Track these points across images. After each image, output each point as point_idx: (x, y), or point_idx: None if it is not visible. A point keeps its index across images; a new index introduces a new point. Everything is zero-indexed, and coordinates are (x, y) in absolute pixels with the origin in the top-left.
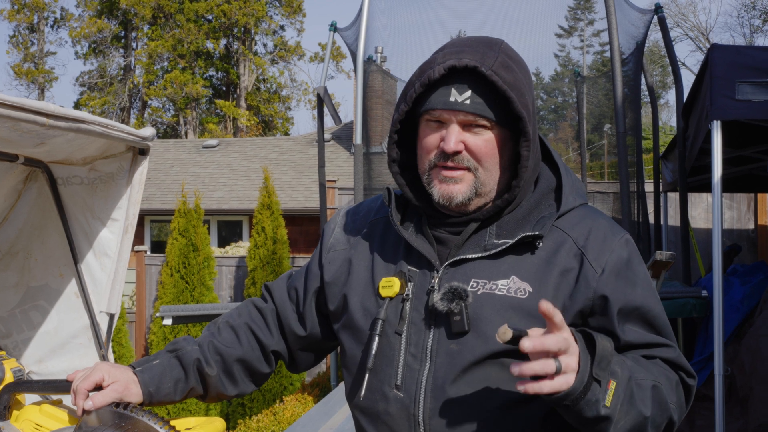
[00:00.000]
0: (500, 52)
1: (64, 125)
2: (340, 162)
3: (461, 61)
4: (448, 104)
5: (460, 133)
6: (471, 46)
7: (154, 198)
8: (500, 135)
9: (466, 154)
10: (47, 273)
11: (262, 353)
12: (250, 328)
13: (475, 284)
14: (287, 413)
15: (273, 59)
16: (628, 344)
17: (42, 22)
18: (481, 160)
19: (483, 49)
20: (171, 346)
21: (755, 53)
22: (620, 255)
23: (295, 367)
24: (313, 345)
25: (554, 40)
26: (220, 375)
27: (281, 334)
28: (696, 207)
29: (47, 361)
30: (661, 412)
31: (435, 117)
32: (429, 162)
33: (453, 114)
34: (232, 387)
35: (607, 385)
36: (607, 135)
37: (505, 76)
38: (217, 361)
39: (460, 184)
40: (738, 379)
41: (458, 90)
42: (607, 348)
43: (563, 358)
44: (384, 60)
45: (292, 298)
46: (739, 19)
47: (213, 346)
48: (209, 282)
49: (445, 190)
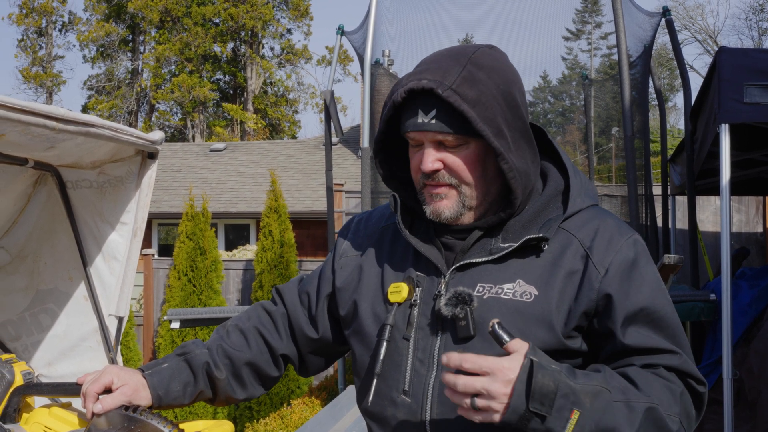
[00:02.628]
0: (468, 63)
1: (74, 129)
2: (347, 165)
3: (419, 83)
4: (417, 126)
5: (437, 152)
6: (436, 63)
7: (161, 201)
8: (480, 147)
9: (445, 172)
10: (56, 276)
11: (271, 357)
12: (260, 331)
13: (482, 289)
14: (295, 417)
15: (280, 62)
16: (629, 348)
17: (50, 26)
18: (461, 177)
19: (447, 65)
20: (180, 349)
21: (763, 56)
22: (626, 255)
23: (305, 371)
24: (324, 349)
25: (562, 42)
26: (229, 378)
27: (291, 338)
28: (704, 210)
29: (56, 364)
30: (657, 430)
31: (411, 138)
32: (418, 182)
33: (423, 135)
34: (241, 390)
35: (570, 414)
36: (614, 138)
37: (466, 92)
38: (226, 364)
39: (446, 200)
40: (746, 383)
41: (424, 110)
42: (546, 386)
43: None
44: (391, 63)
45: (303, 302)
46: (747, 21)
47: (222, 349)
48: (217, 285)
49: (433, 207)
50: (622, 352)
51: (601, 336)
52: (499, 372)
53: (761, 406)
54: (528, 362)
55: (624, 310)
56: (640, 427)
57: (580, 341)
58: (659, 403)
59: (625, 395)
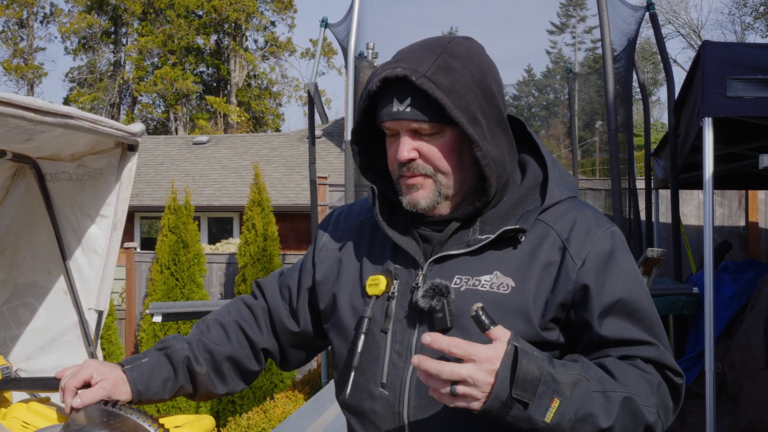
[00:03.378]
0: (443, 53)
1: (52, 121)
2: (331, 159)
3: (394, 71)
4: (392, 114)
5: (413, 141)
6: (411, 53)
7: (144, 195)
8: (455, 136)
9: (421, 161)
10: (35, 270)
11: (252, 351)
12: (240, 325)
13: (459, 281)
14: (278, 411)
15: (264, 55)
16: (605, 340)
17: (31, 18)
18: (437, 166)
19: (422, 55)
20: (160, 344)
21: (746, 50)
22: (603, 247)
23: (286, 365)
24: (305, 342)
25: (546, 36)
26: (210, 373)
27: (272, 332)
28: (687, 204)
29: (35, 359)
30: (634, 421)
31: (387, 128)
32: (395, 173)
33: (398, 123)
34: (222, 385)
35: (550, 402)
36: (598, 132)
37: (440, 80)
38: (206, 359)
39: (421, 190)
40: (729, 376)
41: (399, 99)
42: (530, 372)
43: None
44: (375, 56)
45: (284, 296)
46: (731, 16)
47: (202, 344)
48: (199, 279)
49: (410, 198)
50: (599, 343)
51: (577, 327)
52: (485, 360)
53: (743, 400)
54: (512, 348)
55: (600, 301)
56: (618, 416)
57: (558, 333)
58: (636, 394)
59: (602, 385)
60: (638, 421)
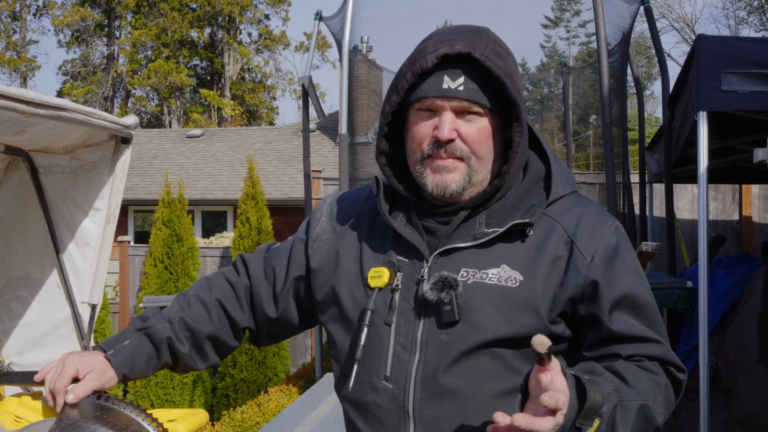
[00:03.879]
0: (489, 39)
1: (45, 113)
2: (325, 152)
3: (454, 48)
4: (442, 91)
5: (454, 120)
6: (461, 34)
7: (137, 188)
8: (493, 122)
9: (460, 142)
10: (28, 263)
11: (232, 329)
12: (222, 304)
13: (465, 273)
14: (272, 404)
15: (258, 48)
16: (615, 335)
17: (24, 10)
18: (475, 149)
19: (473, 37)
20: (140, 323)
21: (741, 44)
22: (610, 242)
23: (257, 343)
24: (279, 327)
25: (540, 30)
26: (191, 352)
27: (251, 311)
28: (681, 198)
29: (28, 353)
30: (646, 425)
31: (427, 105)
32: (421, 152)
33: (446, 101)
34: (202, 362)
35: (592, 422)
36: (592, 126)
37: (497, 62)
38: (188, 337)
39: (453, 173)
40: (722, 370)
41: (451, 77)
42: (596, 402)
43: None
44: (370, 50)
45: (268, 277)
46: (725, 10)
47: (183, 322)
48: (193, 272)
49: (439, 180)
50: (608, 339)
51: (586, 322)
52: (565, 404)
53: (737, 393)
54: (572, 380)
55: (609, 296)
56: (634, 425)
57: (564, 327)
58: (648, 399)
59: (620, 395)
60: (650, 424)
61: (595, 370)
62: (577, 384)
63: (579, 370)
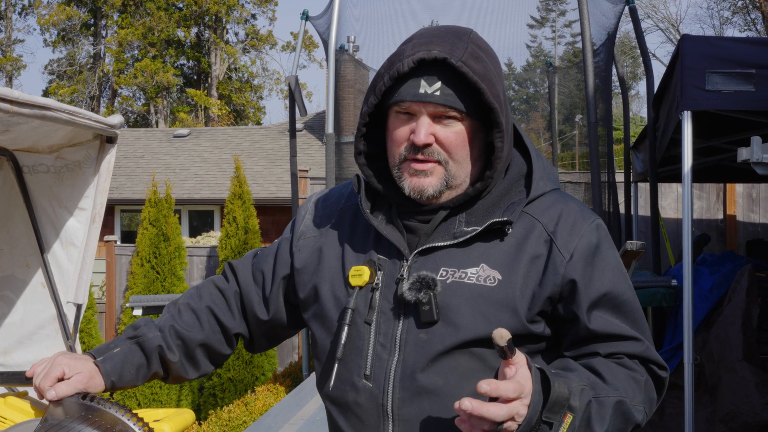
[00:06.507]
0: (469, 42)
1: (29, 112)
2: (312, 152)
3: (430, 53)
4: (418, 96)
5: (431, 125)
6: (440, 37)
7: (124, 188)
8: (471, 126)
9: (437, 146)
10: (13, 263)
11: (224, 336)
12: (212, 311)
13: (445, 273)
14: (259, 403)
15: (245, 48)
16: (594, 334)
17: (9, 9)
18: (452, 153)
19: (452, 40)
20: (131, 331)
21: (725, 44)
22: (590, 240)
23: (252, 348)
24: (272, 330)
25: (526, 30)
26: (182, 360)
27: (243, 316)
28: (666, 197)
29: (13, 353)
30: (624, 422)
31: (404, 109)
32: (399, 155)
33: (423, 106)
34: (194, 371)
35: (563, 418)
36: (578, 125)
37: (475, 66)
38: (179, 345)
39: (430, 177)
40: (707, 368)
41: (428, 81)
42: (562, 394)
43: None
44: (356, 49)
45: (257, 281)
46: (709, 10)
47: (174, 330)
48: (180, 272)
49: (416, 183)
50: (587, 337)
51: (565, 321)
52: (527, 394)
53: (721, 391)
54: (537, 372)
55: (588, 295)
56: (611, 421)
57: (543, 326)
58: (626, 395)
59: (595, 391)
60: (628, 421)
61: (569, 366)
62: (542, 377)
63: (549, 366)
